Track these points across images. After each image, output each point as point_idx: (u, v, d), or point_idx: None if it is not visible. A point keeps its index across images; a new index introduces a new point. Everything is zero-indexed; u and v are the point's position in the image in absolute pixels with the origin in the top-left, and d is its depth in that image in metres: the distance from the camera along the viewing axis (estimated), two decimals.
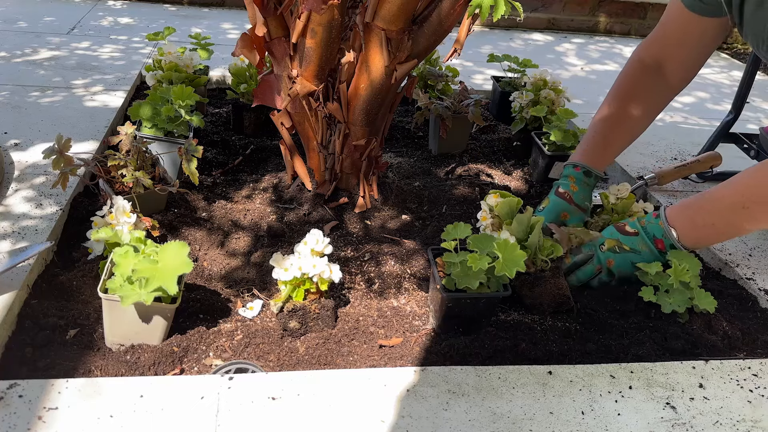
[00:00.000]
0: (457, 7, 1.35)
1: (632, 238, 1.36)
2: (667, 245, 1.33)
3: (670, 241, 1.33)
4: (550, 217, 1.51)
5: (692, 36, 1.44)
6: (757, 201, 1.24)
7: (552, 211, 1.51)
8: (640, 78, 1.52)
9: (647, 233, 1.35)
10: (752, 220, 1.27)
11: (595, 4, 3.88)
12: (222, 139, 1.95)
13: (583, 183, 1.54)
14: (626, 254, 1.36)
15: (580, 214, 1.53)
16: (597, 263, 1.37)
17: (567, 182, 1.54)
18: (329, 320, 1.22)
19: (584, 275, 1.39)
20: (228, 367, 1.10)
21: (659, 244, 1.34)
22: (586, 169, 1.53)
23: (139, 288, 1.04)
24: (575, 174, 1.54)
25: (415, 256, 1.47)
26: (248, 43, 1.44)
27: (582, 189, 1.53)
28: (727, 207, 1.29)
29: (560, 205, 1.52)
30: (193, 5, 3.61)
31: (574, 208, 1.51)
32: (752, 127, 2.56)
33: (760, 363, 1.18)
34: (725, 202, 1.30)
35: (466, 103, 1.95)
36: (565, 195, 1.52)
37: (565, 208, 1.51)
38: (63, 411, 0.94)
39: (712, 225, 1.32)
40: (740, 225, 1.30)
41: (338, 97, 1.50)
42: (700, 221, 1.32)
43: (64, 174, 1.35)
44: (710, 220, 1.31)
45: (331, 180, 1.63)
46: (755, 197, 1.25)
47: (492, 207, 1.41)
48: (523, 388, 1.07)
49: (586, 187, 1.54)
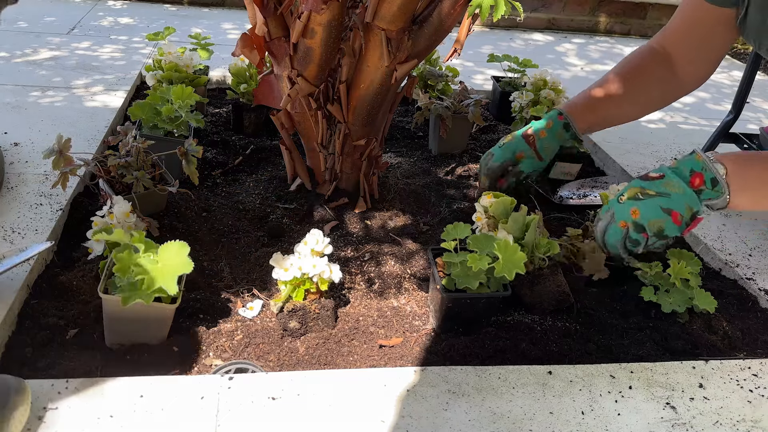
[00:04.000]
0: (457, 7, 1.35)
1: (657, 181, 1.18)
2: (708, 180, 1.14)
3: (711, 174, 1.14)
4: (505, 155, 1.50)
5: (704, 25, 1.38)
6: None
7: (509, 148, 1.50)
8: (647, 60, 1.49)
9: (678, 171, 1.18)
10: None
11: (595, 4, 3.88)
12: (222, 139, 1.95)
13: (557, 133, 1.50)
14: (652, 198, 1.16)
15: (536, 161, 1.51)
16: (620, 219, 1.20)
17: (541, 125, 1.51)
18: (329, 320, 1.22)
19: (613, 238, 1.21)
20: (228, 367, 1.10)
21: (697, 179, 1.15)
22: (567, 122, 1.50)
23: (139, 288, 1.04)
24: (556, 120, 1.50)
25: (415, 256, 1.47)
26: (248, 43, 1.44)
27: (551, 138, 1.50)
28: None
29: (519, 145, 1.50)
30: (193, 5, 3.60)
31: (532, 152, 1.50)
32: (752, 127, 2.56)
33: (760, 363, 1.18)
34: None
35: (466, 103, 1.95)
36: (529, 138, 1.50)
37: (523, 148, 1.50)
38: (63, 411, 0.94)
39: (763, 161, 1.14)
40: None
41: (338, 97, 1.50)
42: (755, 158, 1.14)
43: (64, 174, 1.35)
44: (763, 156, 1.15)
45: (331, 180, 1.63)
46: None
47: (487, 207, 1.41)
48: (523, 388, 1.07)
49: (558, 138, 1.51)
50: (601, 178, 1.95)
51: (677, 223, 1.17)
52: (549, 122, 1.51)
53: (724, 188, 1.13)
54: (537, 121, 1.56)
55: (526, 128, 1.54)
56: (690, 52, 1.44)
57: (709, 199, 1.16)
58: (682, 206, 1.16)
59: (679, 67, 1.45)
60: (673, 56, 1.46)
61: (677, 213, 1.16)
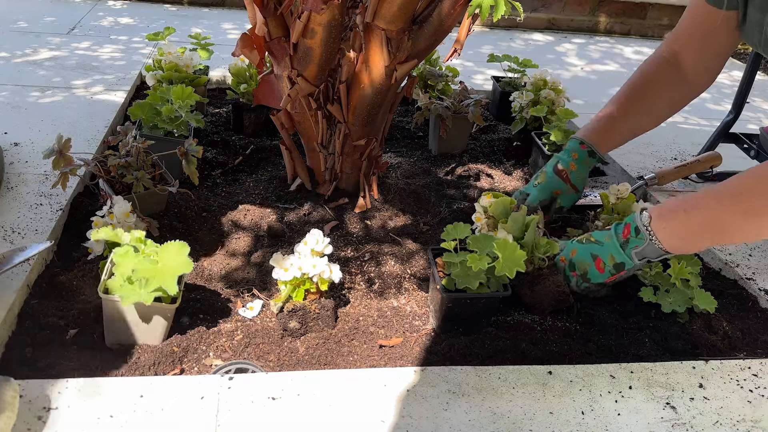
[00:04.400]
0: (457, 7, 1.35)
1: (604, 231, 1.31)
2: (632, 229, 1.24)
3: (636, 224, 1.23)
4: (542, 195, 1.52)
5: (709, 28, 1.40)
6: (756, 190, 1.11)
7: (546, 188, 1.52)
8: (658, 72, 1.51)
9: (619, 225, 1.28)
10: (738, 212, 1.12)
11: (595, 4, 3.88)
12: (222, 139, 1.95)
13: (584, 162, 1.53)
14: (590, 244, 1.30)
15: (573, 193, 1.53)
16: (563, 254, 1.34)
17: (568, 158, 1.53)
18: (329, 320, 1.22)
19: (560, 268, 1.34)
20: (228, 367, 1.10)
21: (626, 229, 1.25)
22: (591, 149, 1.52)
23: (139, 288, 1.04)
24: (579, 151, 1.53)
25: (415, 256, 1.47)
26: (248, 43, 1.44)
27: (581, 168, 1.53)
28: (712, 194, 1.17)
29: (555, 183, 1.52)
30: (193, 5, 3.60)
31: (568, 188, 1.52)
32: (752, 127, 2.56)
33: (760, 363, 1.18)
34: (711, 191, 1.18)
35: (466, 103, 1.95)
36: (562, 173, 1.52)
37: (560, 186, 1.52)
38: (63, 411, 0.94)
39: (688, 211, 1.19)
40: (722, 218, 1.15)
41: (338, 97, 1.50)
42: (678, 204, 1.21)
43: (64, 174, 1.35)
44: (689, 204, 1.19)
45: (331, 180, 1.63)
46: (747, 186, 1.12)
47: (486, 208, 1.41)
48: (523, 388, 1.07)
49: (586, 166, 1.54)
50: (601, 178, 1.95)
51: (600, 270, 1.29)
52: (574, 154, 1.53)
53: (645, 235, 1.22)
54: (559, 153, 1.57)
55: (554, 162, 1.55)
56: (698, 53, 1.46)
57: (635, 246, 1.24)
58: (606, 255, 1.27)
59: (689, 71, 1.47)
60: (682, 61, 1.47)
61: (600, 260, 1.28)
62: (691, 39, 1.46)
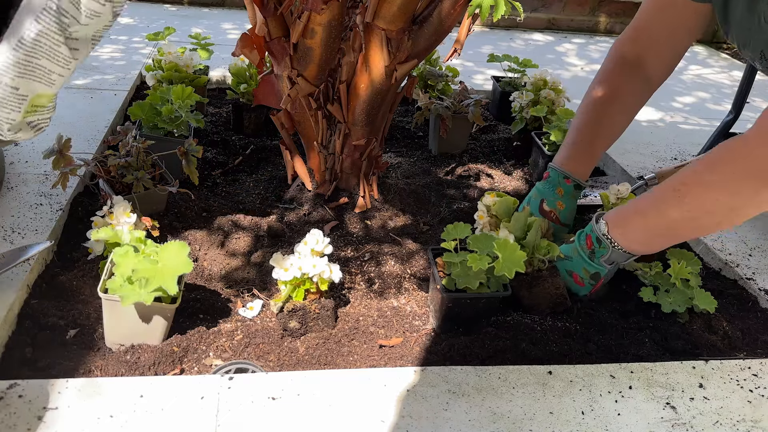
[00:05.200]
0: (457, 7, 1.35)
1: (569, 245, 1.33)
2: (594, 239, 1.26)
3: (596, 234, 1.26)
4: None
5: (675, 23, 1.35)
6: (689, 182, 1.13)
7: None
8: (622, 76, 1.45)
9: (580, 236, 1.30)
10: (681, 204, 1.13)
11: (595, 4, 3.88)
12: (222, 139, 1.95)
13: (571, 196, 1.48)
14: (561, 262, 1.32)
15: (561, 229, 1.49)
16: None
17: (554, 196, 1.47)
18: (329, 320, 1.22)
19: None
20: (228, 367, 1.10)
21: (588, 241, 1.28)
22: (577, 183, 1.47)
23: (139, 288, 1.04)
24: (565, 187, 1.47)
25: (415, 256, 1.47)
26: (248, 43, 1.44)
27: (568, 204, 1.48)
28: (659, 193, 1.18)
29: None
30: (193, 5, 3.60)
31: (559, 227, 1.48)
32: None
33: (760, 363, 1.18)
34: (657, 189, 1.19)
35: (466, 103, 1.95)
36: (551, 214, 1.47)
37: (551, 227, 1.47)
38: (63, 411, 0.94)
39: (641, 213, 1.20)
40: (671, 215, 1.16)
41: (338, 97, 1.50)
42: (630, 209, 1.23)
43: (64, 174, 1.35)
44: (639, 206, 1.21)
45: (331, 180, 1.63)
46: (687, 179, 1.14)
47: (489, 206, 1.41)
48: (523, 388, 1.07)
49: (573, 200, 1.49)
50: (601, 178, 1.95)
51: (580, 284, 1.32)
52: (559, 189, 1.47)
53: (606, 244, 1.25)
54: (541, 186, 1.50)
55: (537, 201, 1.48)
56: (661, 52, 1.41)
57: (602, 256, 1.27)
58: (579, 269, 1.31)
59: (651, 70, 1.43)
60: (644, 62, 1.42)
61: (576, 275, 1.32)
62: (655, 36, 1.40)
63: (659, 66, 1.43)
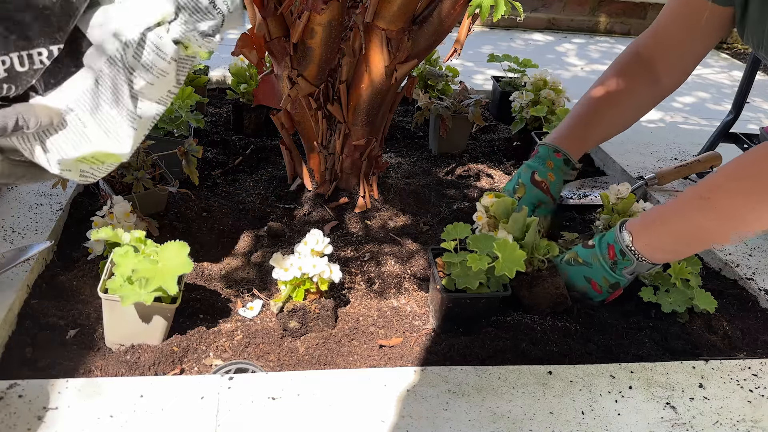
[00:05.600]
0: (457, 7, 1.35)
1: (589, 250, 1.30)
2: (617, 251, 1.25)
3: (619, 246, 1.24)
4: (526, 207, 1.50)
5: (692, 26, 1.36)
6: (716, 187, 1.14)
7: (528, 201, 1.49)
8: (631, 71, 1.46)
9: (602, 243, 1.28)
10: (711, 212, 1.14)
11: (595, 4, 3.88)
12: (222, 139, 1.95)
13: (561, 171, 1.49)
14: (580, 267, 1.30)
15: (551, 205, 1.51)
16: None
17: (545, 168, 1.48)
18: (329, 320, 1.22)
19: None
20: (228, 367, 1.10)
21: (610, 251, 1.26)
22: (567, 158, 1.49)
23: (139, 288, 1.04)
24: (555, 160, 1.49)
25: (415, 256, 1.47)
26: (248, 43, 1.44)
27: (558, 178, 1.49)
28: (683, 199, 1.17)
29: (537, 196, 1.49)
30: None
31: (548, 199, 1.49)
32: (752, 127, 2.56)
33: (760, 363, 1.18)
34: (682, 196, 1.19)
35: (466, 103, 1.95)
36: (542, 184, 1.48)
37: (540, 198, 1.49)
38: (63, 411, 0.94)
39: (665, 222, 1.20)
40: (698, 221, 1.16)
41: (338, 97, 1.50)
42: (655, 217, 1.22)
43: None
44: (665, 214, 1.20)
45: (331, 180, 1.63)
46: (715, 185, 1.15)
47: (487, 207, 1.41)
48: (523, 388, 1.07)
49: (562, 174, 1.50)
50: (601, 178, 1.95)
51: (598, 291, 1.31)
52: (549, 162, 1.48)
53: (631, 257, 1.24)
54: (530, 161, 1.51)
55: (529, 173, 1.49)
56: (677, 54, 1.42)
57: (625, 267, 1.26)
58: (599, 277, 1.29)
59: (665, 73, 1.44)
60: (659, 63, 1.43)
61: (595, 283, 1.30)
62: (672, 37, 1.41)
63: (671, 69, 1.44)
